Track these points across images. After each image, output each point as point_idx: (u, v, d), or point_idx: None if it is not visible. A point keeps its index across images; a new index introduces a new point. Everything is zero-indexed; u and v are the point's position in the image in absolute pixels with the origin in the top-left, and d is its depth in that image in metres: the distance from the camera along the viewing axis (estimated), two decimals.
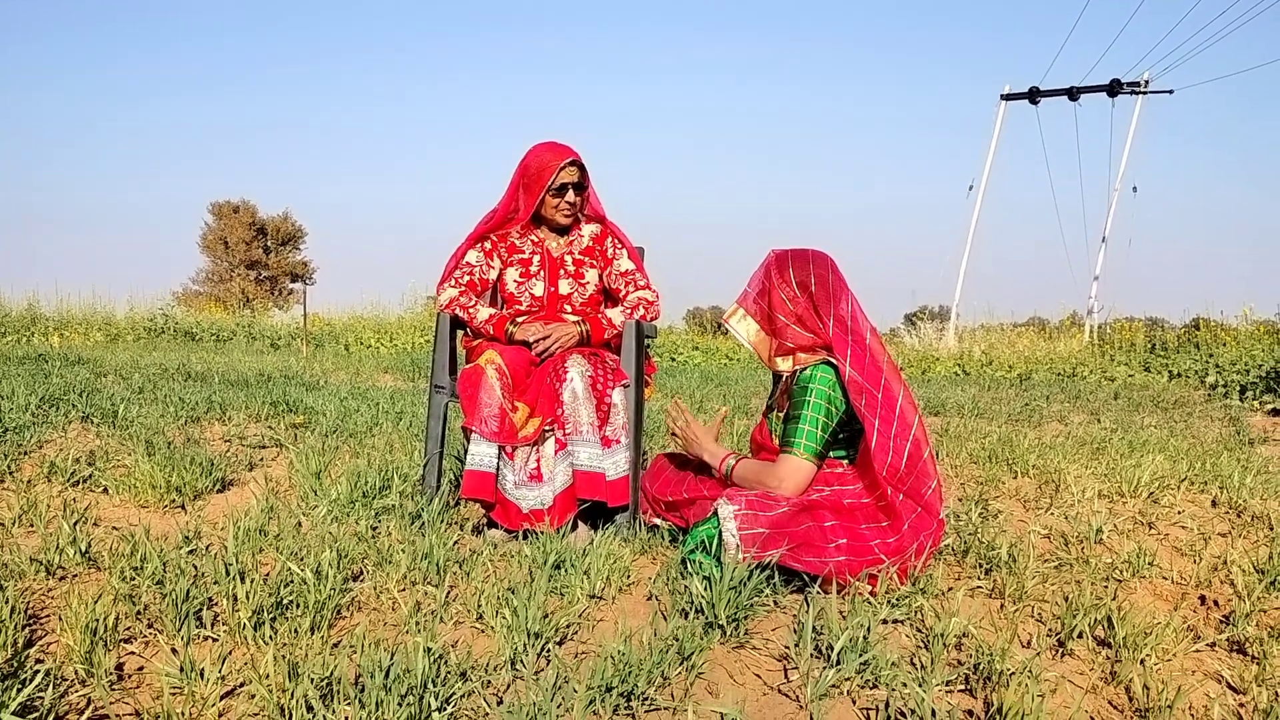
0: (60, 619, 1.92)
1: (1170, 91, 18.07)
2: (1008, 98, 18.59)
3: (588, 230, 3.20)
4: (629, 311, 3.08)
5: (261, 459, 3.98)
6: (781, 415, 2.61)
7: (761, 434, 2.72)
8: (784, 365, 2.59)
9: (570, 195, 3.04)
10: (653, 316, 3.12)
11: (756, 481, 2.51)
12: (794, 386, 2.53)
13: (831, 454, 2.56)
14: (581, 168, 3.05)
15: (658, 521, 2.89)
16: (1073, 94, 18.23)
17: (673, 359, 14.44)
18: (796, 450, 2.46)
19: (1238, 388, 9.88)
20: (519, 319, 3.05)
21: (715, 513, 2.43)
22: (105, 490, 3.19)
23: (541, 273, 3.13)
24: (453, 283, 3.11)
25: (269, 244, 46.90)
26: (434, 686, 1.67)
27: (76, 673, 1.76)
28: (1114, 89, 17.95)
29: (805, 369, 2.52)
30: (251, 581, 2.04)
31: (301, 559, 2.27)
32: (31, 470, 3.38)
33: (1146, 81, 17.79)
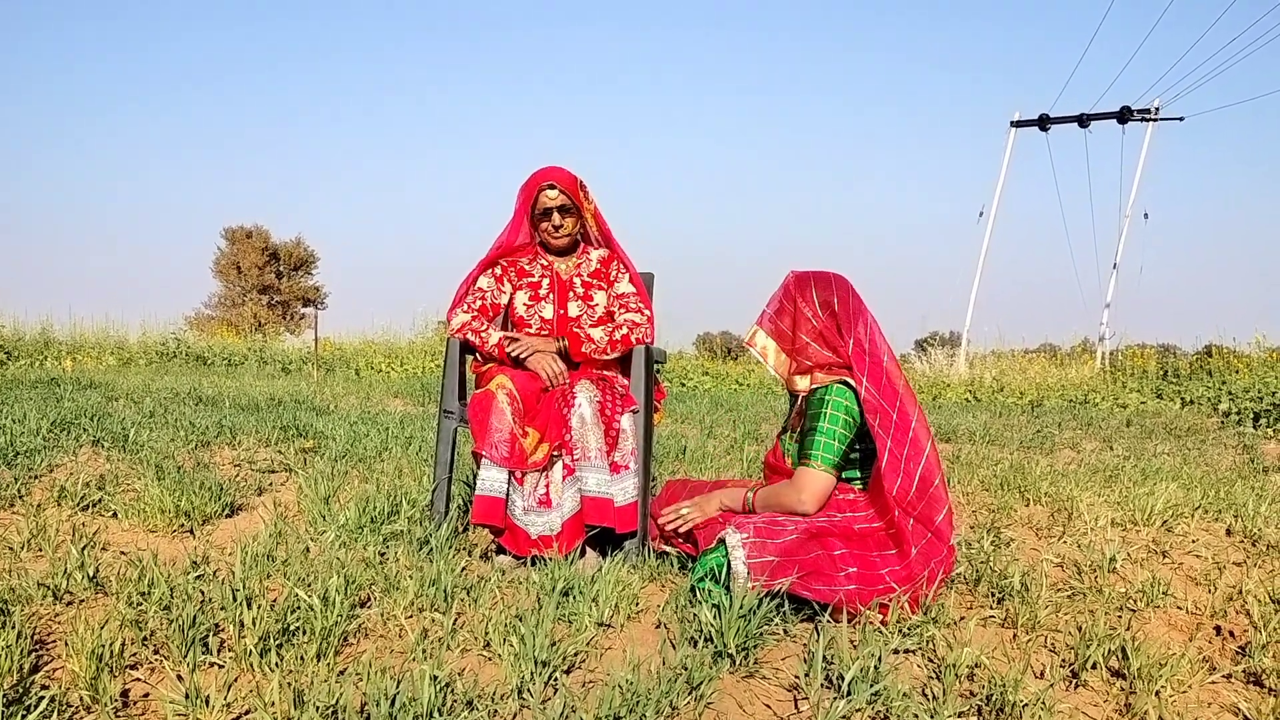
0: (66, 644, 1.92)
1: (1181, 118, 18.16)
2: (1018, 124, 18.65)
3: (595, 254, 3.21)
4: (612, 331, 3.05)
5: (271, 483, 3.98)
6: (795, 436, 2.61)
7: (775, 457, 2.72)
8: (802, 384, 2.60)
9: (556, 219, 3.05)
10: (638, 339, 3.05)
11: (778, 503, 2.50)
12: (810, 400, 2.53)
13: (844, 476, 2.55)
14: (566, 191, 3.03)
15: (667, 548, 2.87)
16: (1083, 121, 18.29)
17: (683, 384, 14.43)
18: (814, 462, 2.45)
19: (1251, 415, 9.81)
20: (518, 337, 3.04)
21: (723, 541, 2.42)
22: (114, 515, 3.19)
23: (551, 295, 3.13)
24: (464, 308, 3.11)
25: (281, 269, 47.18)
26: (440, 715, 1.66)
27: (81, 699, 1.75)
28: (1124, 116, 18.02)
29: (822, 386, 2.53)
30: (258, 607, 2.03)
31: (309, 585, 2.26)
32: (41, 494, 3.38)
33: (1157, 109, 17.86)
